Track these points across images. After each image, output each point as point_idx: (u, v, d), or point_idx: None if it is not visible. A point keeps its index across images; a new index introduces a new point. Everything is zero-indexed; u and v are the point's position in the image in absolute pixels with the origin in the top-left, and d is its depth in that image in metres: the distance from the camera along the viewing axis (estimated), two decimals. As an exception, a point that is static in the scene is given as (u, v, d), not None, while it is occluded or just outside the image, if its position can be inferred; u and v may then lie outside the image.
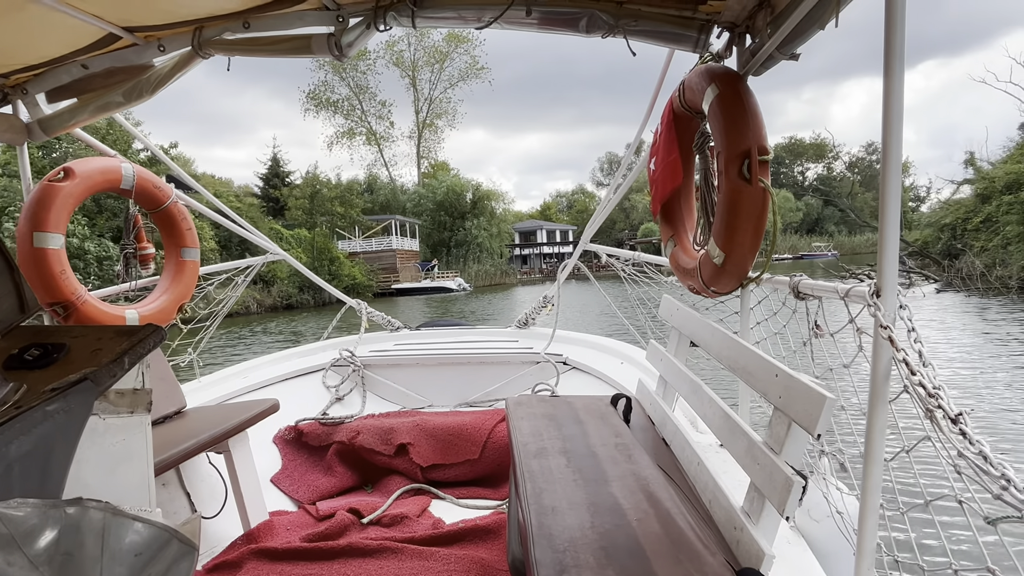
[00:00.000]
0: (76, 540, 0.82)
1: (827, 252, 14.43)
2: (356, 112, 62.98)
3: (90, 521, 0.85)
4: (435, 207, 54.08)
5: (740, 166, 1.94)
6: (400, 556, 2.37)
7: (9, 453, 0.79)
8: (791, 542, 1.73)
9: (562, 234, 71.86)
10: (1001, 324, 12.92)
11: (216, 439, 2.44)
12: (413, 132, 66.18)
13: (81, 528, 0.83)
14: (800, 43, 1.91)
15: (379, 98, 64.77)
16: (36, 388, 0.92)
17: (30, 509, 0.78)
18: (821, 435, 1.33)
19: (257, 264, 4.13)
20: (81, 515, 0.84)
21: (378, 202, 56.15)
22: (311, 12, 2.40)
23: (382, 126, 64.32)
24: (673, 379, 2.26)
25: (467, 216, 54.38)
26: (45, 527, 0.79)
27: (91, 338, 1.04)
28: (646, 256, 3.44)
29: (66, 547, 0.81)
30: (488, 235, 54.22)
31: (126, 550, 0.89)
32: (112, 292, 3.25)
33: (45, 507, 0.80)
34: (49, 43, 2.47)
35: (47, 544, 0.79)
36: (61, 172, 2.76)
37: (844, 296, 1.50)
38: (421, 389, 3.95)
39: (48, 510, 0.80)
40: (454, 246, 53.64)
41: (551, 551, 1.34)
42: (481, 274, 50.56)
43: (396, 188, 60.24)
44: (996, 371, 8.65)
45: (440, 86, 64.33)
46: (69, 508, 0.83)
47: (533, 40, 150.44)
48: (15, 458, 0.79)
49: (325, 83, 60.60)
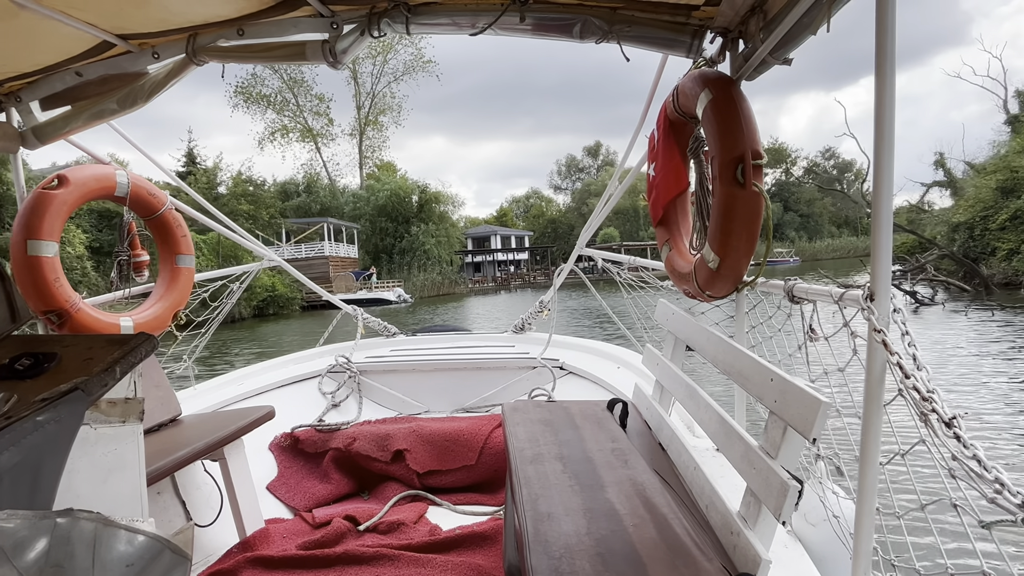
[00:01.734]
0: (67, 551, 0.82)
1: (788, 259, 13.50)
2: (290, 107, 58.08)
3: (81, 532, 0.84)
4: (375, 211, 50.41)
5: (734, 170, 1.95)
6: (397, 563, 2.35)
7: (1, 464, 0.78)
8: (788, 546, 1.73)
9: (517, 240, 69.62)
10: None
11: (211, 447, 2.43)
12: (355, 130, 61.59)
13: (71, 539, 0.83)
14: (792, 48, 1.92)
15: (315, 91, 59.05)
16: (27, 398, 0.91)
17: (20, 520, 0.77)
18: (817, 439, 1.33)
19: (253, 271, 4.12)
20: (72, 526, 0.83)
21: (316, 206, 51.68)
22: (305, 19, 2.41)
23: (320, 123, 59.66)
24: (669, 384, 2.26)
25: (412, 221, 50.89)
26: (35, 538, 0.79)
27: (82, 347, 1.03)
28: (642, 261, 3.44)
29: (56, 558, 0.80)
30: (436, 241, 50.81)
31: (117, 561, 0.88)
32: (107, 300, 3.24)
33: (35, 518, 0.79)
34: (43, 51, 2.47)
35: (37, 555, 0.78)
36: (55, 180, 2.75)
37: (838, 300, 1.50)
38: (418, 395, 3.94)
39: (38, 521, 0.80)
40: (398, 253, 49.92)
41: (547, 558, 1.34)
42: (428, 284, 47.50)
43: (335, 190, 55.38)
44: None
45: (383, 80, 60.23)
46: (59, 519, 0.82)
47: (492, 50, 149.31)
48: (5, 469, 0.79)
49: (255, 75, 55.09)
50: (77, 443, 0.90)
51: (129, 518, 0.92)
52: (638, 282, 3.44)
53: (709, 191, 2.42)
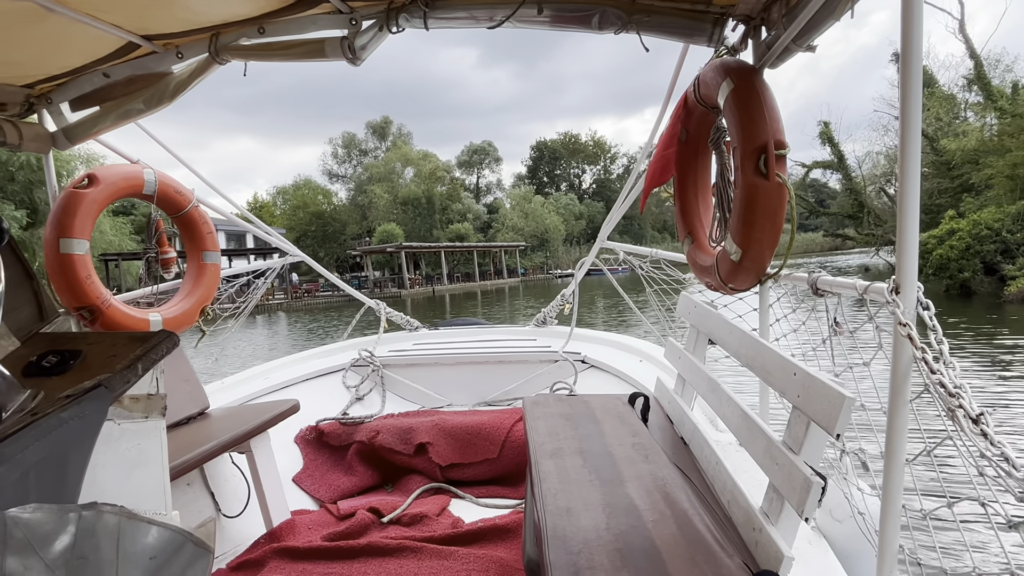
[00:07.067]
0: (92, 543, 0.84)
1: (617, 267, 11.59)
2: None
3: (105, 525, 0.86)
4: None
5: (757, 161, 1.91)
6: (420, 555, 2.38)
7: (25, 459, 0.81)
8: (812, 543, 1.70)
9: (257, 241, 44.64)
10: None
11: (238, 439, 2.48)
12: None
13: (96, 532, 0.85)
14: (816, 35, 1.87)
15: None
16: (52, 395, 0.94)
17: (46, 513, 0.80)
18: (841, 435, 1.30)
19: (277, 266, 4.19)
20: (96, 519, 0.86)
21: None
22: (324, 16, 2.42)
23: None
24: (691, 377, 2.24)
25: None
26: (61, 531, 0.81)
27: (106, 344, 1.06)
28: (664, 253, 3.41)
29: (82, 550, 0.83)
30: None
31: (140, 553, 0.90)
32: (135, 296, 3.32)
33: (61, 511, 0.82)
34: (71, 53, 2.52)
35: (63, 548, 0.81)
36: (86, 179, 2.82)
37: (863, 293, 1.47)
38: (440, 388, 3.97)
39: (64, 514, 0.82)
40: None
41: (565, 552, 1.34)
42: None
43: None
44: None
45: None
46: (84, 512, 0.85)
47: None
48: (31, 464, 0.81)
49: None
50: (101, 438, 0.93)
51: (153, 512, 0.95)
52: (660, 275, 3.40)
53: (730, 182, 2.39)
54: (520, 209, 68.24)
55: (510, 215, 67.94)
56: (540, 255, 67.57)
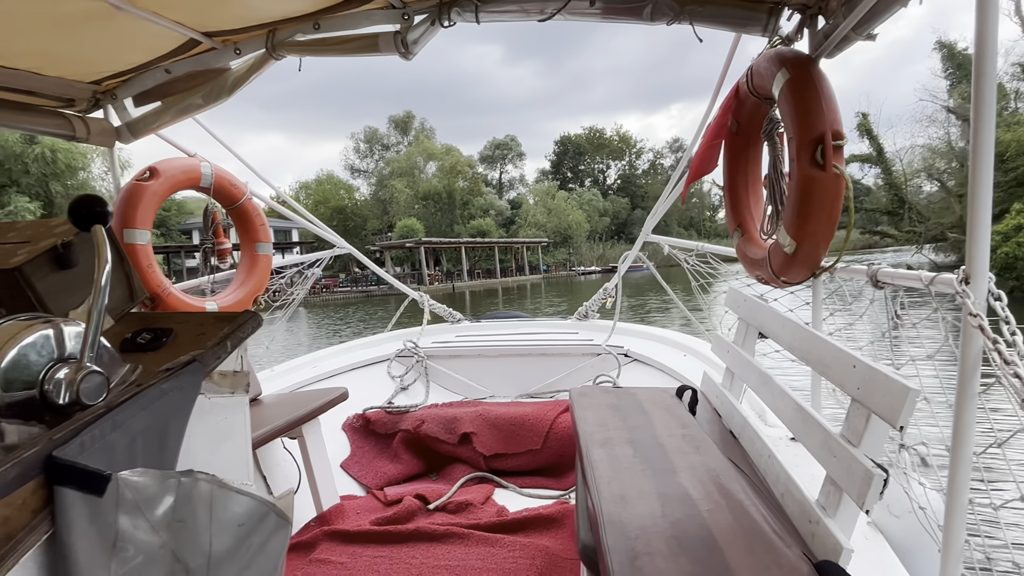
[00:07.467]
0: (189, 508, 0.90)
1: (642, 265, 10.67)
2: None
3: (200, 492, 0.92)
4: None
5: (813, 152, 1.89)
6: (467, 542, 2.42)
7: (134, 426, 0.86)
8: (868, 538, 1.68)
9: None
10: None
11: (291, 425, 2.56)
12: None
13: (192, 498, 0.91)
14: (878, 22, 1.83)
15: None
16: (150, 369, 1.00)
17: (151, 478, 0.86)
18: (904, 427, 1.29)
19: (325, 258, 4.28)
20: (192, 485, 0.91)
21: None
22: (377, 11, 2.47)
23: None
24: (741, 371, 2.22)
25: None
26: (163, 495, 0.87)
27: (195, 323, 1.12)
28: (711, 247, 3.38)
29: (181, 514, 0.88)
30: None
31: (231, 520, 0.96)
32: (193, 285, 3.44)
33: (163, 477, 0.87)
34: (136, 50, 2.62)
35: (165, 511, 0.86)
36: (147, 172, 2.93)
37: (929, 284, 1.44)
38: (483, 380, 4.00)
39: (166, 479, 0.88)
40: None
41: (623, 538, 1.35)
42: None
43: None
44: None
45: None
46: (183, 479, 0.90)
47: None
48: (138, 431, 0.87)
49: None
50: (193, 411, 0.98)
51: (238, 482, 1.00)
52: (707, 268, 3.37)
53: (783, 174, 2.36)
54: (543, 205, 67.22)
55: (533, 211, 66.92)
56: (563, 251, 66.51)
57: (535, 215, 66.06)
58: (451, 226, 60.22)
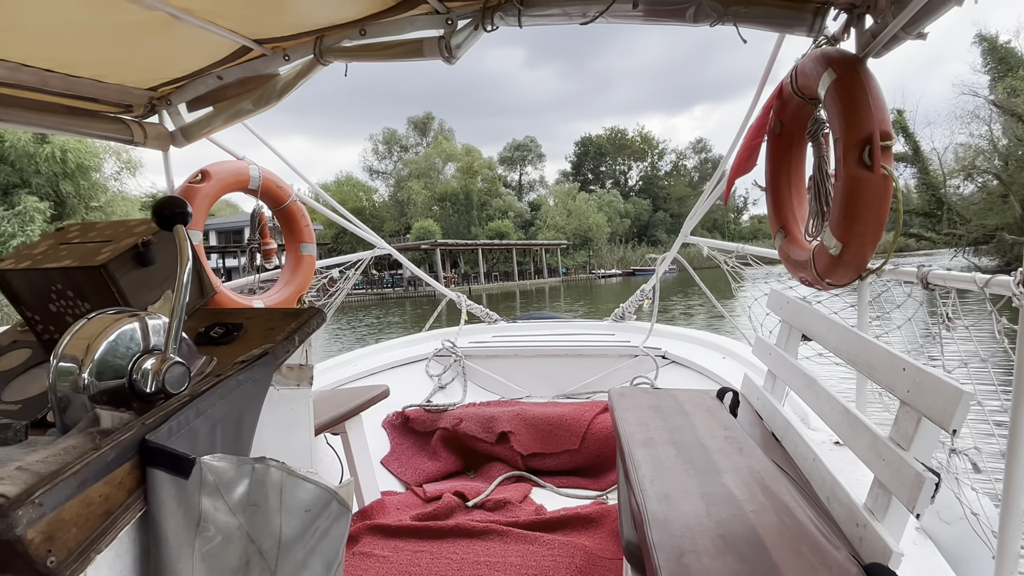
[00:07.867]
0: (261, 493, 0.95)
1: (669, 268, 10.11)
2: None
3: (271, 478, 0.97)
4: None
5: (861, 152, 1.87)
6: (506, 539, 2.45)
7: (214, 414, 0.92)
8: (917, 543, 1.66)
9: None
10: None
11: (335, 421, 2.63)
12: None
13: (265, 483, 0.96)
14: (929, 21, 1.81)
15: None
16: (224, 361, 1.06)
17: (229, 463, 0.91)
18: (957, 431, 1.27)
19: (367, 258, 4.38)
20: (264, 472, 0.96)
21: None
22: (422, 16, 2.52)
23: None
24: (783, 373, 2.21)
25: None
26: (239, 480, 0.92)
27: (263, 319, 1.18)
28: (751, 248, 3.35)
29: (254, 499, 0.93)
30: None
31: (298, 506, 1.01)
32: (241, 284, 3.55)
33: (240, 462, 0.93)
34: (190, 57, 2.73)
35: (240, 494, 0.92)
36: (199, 175, 3.04)
37: (984, 286, 1.42)
38: (520, 380, 4.04)
39: (242, 465, 0.93)
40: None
41: (668, 536, 1.36)
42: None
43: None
44: None
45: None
46: (257, 465, 0.95)
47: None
48: (218, 419, 0.92)
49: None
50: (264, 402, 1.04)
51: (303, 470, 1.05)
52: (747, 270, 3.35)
53: (828, 175, 2.33)
54: (563, 206, 66.34)
55: (552, 212, 66.11)
56: (583, 254, 65.49)
57: (554, 217, 65.40)
58: (468, 228, 59.81)
